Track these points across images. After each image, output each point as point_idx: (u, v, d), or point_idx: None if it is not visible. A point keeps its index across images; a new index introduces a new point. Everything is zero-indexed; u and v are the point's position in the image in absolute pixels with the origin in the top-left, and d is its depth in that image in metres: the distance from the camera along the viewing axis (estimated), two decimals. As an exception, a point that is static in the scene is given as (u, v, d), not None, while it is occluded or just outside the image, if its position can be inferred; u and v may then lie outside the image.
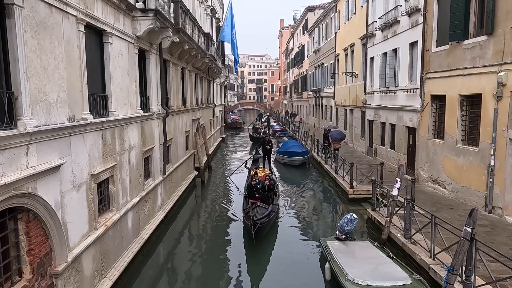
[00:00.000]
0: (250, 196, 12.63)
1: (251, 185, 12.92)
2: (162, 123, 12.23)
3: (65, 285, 6.19)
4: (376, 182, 11.88)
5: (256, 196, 12.47)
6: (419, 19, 14.58)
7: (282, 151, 23.41)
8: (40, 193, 5.41)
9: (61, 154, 6.07)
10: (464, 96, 11.81)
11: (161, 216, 12.07)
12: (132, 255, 9.12)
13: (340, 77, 28.09)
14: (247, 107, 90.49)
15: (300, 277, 8.81)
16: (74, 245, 6.49)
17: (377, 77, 19.61)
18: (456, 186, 12.14)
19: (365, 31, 21.27)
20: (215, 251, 10.55)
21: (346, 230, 9.42)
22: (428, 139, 13.93)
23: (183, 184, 16.14)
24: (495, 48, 10.17)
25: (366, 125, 21.78)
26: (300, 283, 8.58)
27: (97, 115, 7.56)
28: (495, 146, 10.14)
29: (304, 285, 8.53)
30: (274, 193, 13.55)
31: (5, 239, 5.06)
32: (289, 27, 67.51)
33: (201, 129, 21.21)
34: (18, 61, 5.02)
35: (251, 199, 12.39)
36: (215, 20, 28.31)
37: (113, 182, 8.40)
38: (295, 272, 9.02)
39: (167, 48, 12.56)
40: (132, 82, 9.76)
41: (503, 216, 9.98)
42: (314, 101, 39.86)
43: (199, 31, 17.85)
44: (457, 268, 6.40)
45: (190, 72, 17.90)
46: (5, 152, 4.78)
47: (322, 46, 34.97)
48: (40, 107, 5.49)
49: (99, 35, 8.06)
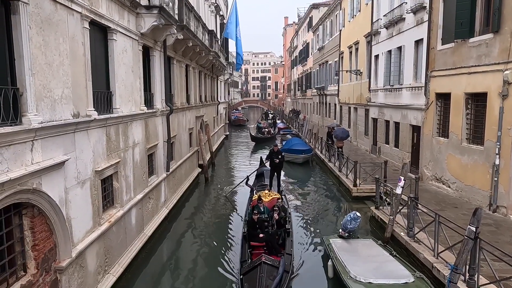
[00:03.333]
0: (251, 236, 9.28)
1: (252, 220, 9.57)
2: (166, 120, 12.25)
3: (69, 280, 6.23)
4: (380, 180, 11.85)
5: (260, 236, 9.16)
6: (424, 16, 14.48)
7: (286, 149, 23.37)
8: (45, 189, 5.44)
9: (65, 150, 6.10)
10: (469, 95, 11.73)
11: (165, 213, 12.11)
12: (135, 251, 9.16)
13: (344, 75, 28.00)
14: (251, 104, 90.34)
15: (303, 275, 8.81)
16: (78, 240, 6.53)
17: (382, 75, 19.51)
18: (460, 185, 12.09)
19: (370, 29, 21.17)
20: (218, 248, 10.57)
21: (349, 228, 9.41)
22: (433, 137, 13.86)
23: (187, 181, 16.18)
24: (501, 46, 10.09)
25: (370, 123, 21.71)
26: (303, 281, 8.59)
27: (101, 112, 7.59)
28: (500, 145, 10.07)
29: (307, 283, 8.53)
30: (287, 231, 9.69)
31: (10, 235, 5.11)
32: (294, 24, 67.25)
33: (205, 126, 21.23)
34: (23, 58, 5.04)
35: (253, 241, 9.22)
36: (219, 17, 28.27)
37: (117, 179, 8.43)
38: (297, 269, 9.01)
39: (171, 45, 12.56)
40: (136, 79, 9.78)
41: (507, 215, 9.93)
42: (318, 99, 39.76)
43: (203, 28, 17.84)
44: (461, 267, 6.38)
45: (194, 69, 17.90)
46: (10, 148, 4.81)
47: (327, 43, 34.84)
48: (44, 103, 5.51)
49: (103, 32, 8.08)
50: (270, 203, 11.23)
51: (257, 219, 9.50)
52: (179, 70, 14.74)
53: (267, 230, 9.47)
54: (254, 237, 9.22)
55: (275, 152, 14.07)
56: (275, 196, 11.95)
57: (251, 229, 9.39)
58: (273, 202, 11.36)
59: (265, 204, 10.93)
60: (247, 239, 9.27)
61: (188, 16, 13.81)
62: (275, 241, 9.02)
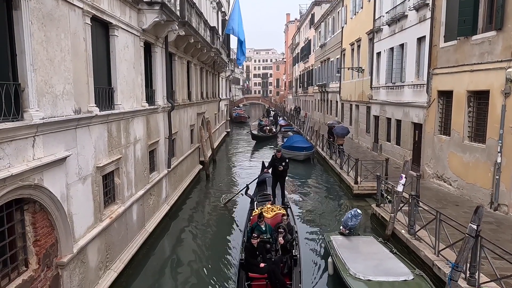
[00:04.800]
0: (250, 265, 7.64)
1: (251, 245, 7.89)
2: (167, 117, 12.24)
3: (70, 275, 6.25)
4: (381, 178, 11.84)
5: (261, 267, 7.54)
6: (427, 13, 14.42)
7: (287, 146, 23.40)
8: (46, 184, 5.45)
9: (67, 146, 6.10)
10: (472, 92, 11.69)
11: (166, 209, 12.13)
12: (136, 248, 9.19)
13: (346, 72, 27.93)
14: (253, 101, 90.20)
15: (304, 271, 8.81)
16: (79, 236, 6.55)
17: (384, 72, 19.46)
18: (461, 183, 12.07)
19: (372, 26, 21.08)
20: (219, 244, 10.60)
21: (350, 225, 9.41)
22: (434, 135, 13.83)
23: (188, 177, 16.20)
24: (504, 44, 10.04)
25: (372, 120, 21.67)
26: (304, 277, 8.59)
27: (102, 108, 7.59)
28: (502, 143, 10.04)
29: (307, 279, 8.53)
30: (293, 257, 8.00)
31: (12, 230, 5.12)
32: (295, 21, 67.11)
33: (206, 123, 21.23)
34: (24, 53, 5.04)
35: (251, 272, 7.57)
36: (221, 14, 28.21)
37: (119, 175, 8.44)
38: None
39: (172, 42, 12.54)
40: (138, 75, 9.77)
41: (508, 214, 9.92)
42: (319, 96, 39.70)
43: (205, 24, 17.80)
44: (462, 265, 6.38)
45: (195, 65, 17.88)
46: (12, 143, 4.81)
47: (329, 40, 34.75)
48: (46, 99, 5.51)
49: (105, 28, 8.07)
50: (273, 219, 9.70)
51: (257, 244, 7.85)
52: (180, 67, 14.72)
53: (269, 256, 8.02)
54: (254, 266, 7.57)
55: (278, 159, 12.09)
56: (279, 212, 10.14)
57: (250, 257, 7.68)
58: (277, 218, 9.74)
59: (268, 221, 9.44)
60: (245, 268, 7.63)
61: (189, 12, 13.77)
62: (279, 272, 7.42)
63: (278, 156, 12.17)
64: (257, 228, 8.98)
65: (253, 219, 9.87)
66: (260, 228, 8.95)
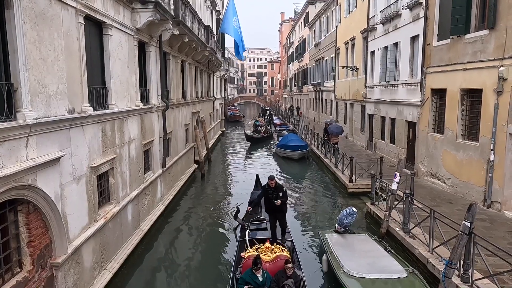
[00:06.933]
0: None
1: None
2: (162, 116, 12.21)
3: (65, 276, 6.22)
4: (375, 176, 11.90)
5: None
6: (420, 12, 14.50)
7: (282, 145, 23.42)
8: (40, 185, 5.42)
9: (60, 146, 6.07)
10: (465, 91, 11.78)
11: (161, 209, 12.11)
12: (132, 247, 9.16)
13: (340, 71, 27.99)
14: (247, 100, 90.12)
15: (299, 269, 8.84)
16: (74, 237, 6.52)
17: (378, 71, 19.54)
18: (455, 180, 12.16)
19: (366, 25, 21.16)
20: (214, 243, 10.59)
21: (345, 223, 9.44)
22: (428, 133, 13.92)
23: (183, 177, 16.16)
24: (497, 43, 10.13)
25: (366, 119, 21.75)
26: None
27: (96, 108, 7.55)
28: (495, 141, 10.14)
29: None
30: None
31: (5, 231, 5.08)
32: (290, 20, 67.12)
33: (201, 122, 21.20)
34: (17, 53, 5.00)
35: None
36: (215, 13, 28.15)
37: (113, 175, 8.41)
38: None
39: (167, 41, 12.50)
40: (132, 75, 9.73)
41: (501, 211, 10.01)
42: (314, 95, 39.77)
43: (199, 23, 17.76)
44: (455, 262, 6.43)
45: (190, 65, 17.83)
46: (5, 144, 4.78)
47: (323, 39, 34.80)
48: (39, 99, 5.48)
49: (98, 27, 8.02)
50: (273, 264, 7.29)
51: None
52: (175, 66, 14.68)
53: None
54: None
55: (273, 189, 8.85)
56: (281, 254, 7.57)
57: None
58: (279, 263, 7.22)
59: (266, 266, 7.11)
60: None
61: (184, 11, 13.73)
62: None
63: (272, 185, 8.85)
64: (251, 278, 6.61)
65: (245, 264, 7.23)
66: (255, 279, 6.60)
